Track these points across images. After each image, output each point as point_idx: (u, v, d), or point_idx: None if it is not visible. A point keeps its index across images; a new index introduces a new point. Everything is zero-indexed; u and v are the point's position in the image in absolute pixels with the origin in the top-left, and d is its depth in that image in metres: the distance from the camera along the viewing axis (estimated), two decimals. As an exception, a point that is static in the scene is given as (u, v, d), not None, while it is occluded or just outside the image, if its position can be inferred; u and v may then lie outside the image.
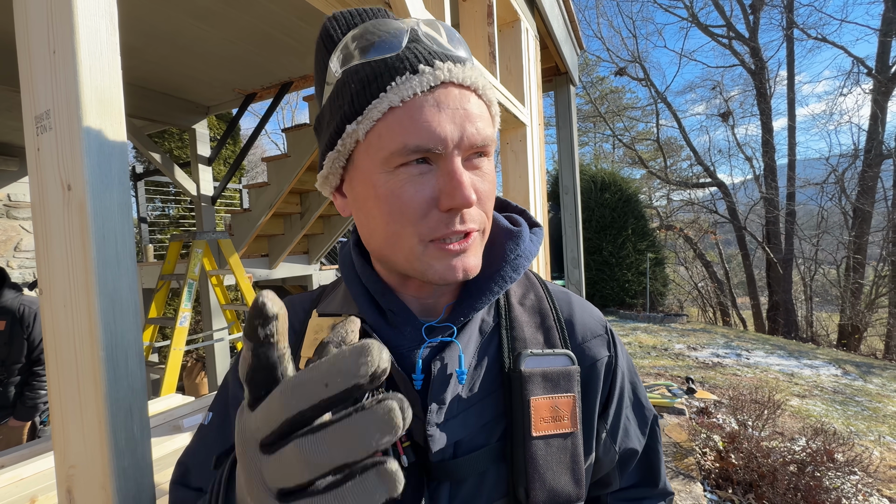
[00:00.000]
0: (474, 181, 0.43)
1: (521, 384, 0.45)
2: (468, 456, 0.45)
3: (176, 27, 2.35)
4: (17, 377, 2.20)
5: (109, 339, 0.45)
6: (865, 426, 3.83)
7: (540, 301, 0.54)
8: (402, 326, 0.48)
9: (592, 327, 0.54)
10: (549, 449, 0.45)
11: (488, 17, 1.69)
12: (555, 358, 0.48)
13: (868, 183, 10.13)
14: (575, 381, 0.48)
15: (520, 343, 0.49)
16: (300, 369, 0.48)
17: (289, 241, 4.03)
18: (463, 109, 0.41)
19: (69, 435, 0.48)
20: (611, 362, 0.53)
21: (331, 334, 0.30)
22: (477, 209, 0.43)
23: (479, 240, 0.45)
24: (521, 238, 0.51)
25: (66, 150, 0.45)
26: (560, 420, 0.46)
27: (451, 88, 0.41)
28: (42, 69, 0.46)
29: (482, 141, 0.42)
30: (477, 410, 0.47)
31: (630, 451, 0.55)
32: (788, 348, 6.96)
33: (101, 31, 0.45)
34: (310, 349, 0.50)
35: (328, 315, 0.52)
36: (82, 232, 0.44)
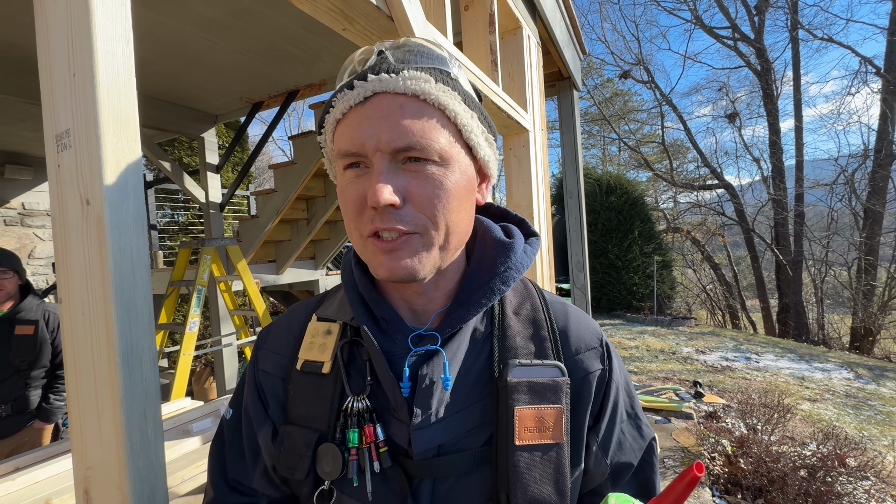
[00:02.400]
0: (409, 183, 0.44)
1: (506, 394, 0.46)
2: (451, 456, 0.47)
3: (185, 39, 2.41)
4: (42, 381, 2.26)
5: (125, 345, 0.47)
6: (878, 431, 3.76)
7: (535, 311, 0.54)
8: (394, 334, 0.50)
9: (587, 340, 0.54)
10: (532, 458, 0.46)
11: (490, 25, 1.72)
12: (544, 369, 0.49)
13: (879, 183, 10.00)
14: (563, 392, 0.48)
15: (510, 353, 0.50)
16: (297, 370, 0.52)
17: (296, 246, 4.08)
18: (388, 115, 0.43)
19: (87, 438, 0.51)
20: (604, 375, 0.53)
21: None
22: (413, 211, 0.44)
23: (417, 242, 0.45)
24: (513, 250, 0.52)
25: (85, 167, 0.48)
26: (545, 431, 0.47)
27: (385, 97, 0.44)
28: (63, 91, 0.49)
29: (404, 143, 0.43)
30: (463, 416, 0.48)
31: (625, 464, 0.54)
32: (799, 351, 6.86)
33: (118, 54, 0.47)
34: (307, 351, 0.52)
35: (325, 320, 0.54)
36: (100, 245, 0.47)
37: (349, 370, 0.51)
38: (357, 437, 0.47)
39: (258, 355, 0.57)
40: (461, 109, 0.46)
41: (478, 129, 0.49)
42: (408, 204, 0.44)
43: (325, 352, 0.51)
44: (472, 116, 0.48)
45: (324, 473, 0.47)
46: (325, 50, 2.67)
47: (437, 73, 0.45)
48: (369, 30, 1.05)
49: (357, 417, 0.47)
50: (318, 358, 0.51)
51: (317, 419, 0.50)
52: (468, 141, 0.48)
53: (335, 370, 0.51)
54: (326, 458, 0.47)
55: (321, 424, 0.49)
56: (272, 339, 0.58)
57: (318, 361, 0.51)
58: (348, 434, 0.47)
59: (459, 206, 0.47)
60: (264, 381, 0.54)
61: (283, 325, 0.58)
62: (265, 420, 0.53)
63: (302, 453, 0.48)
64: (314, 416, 0.50)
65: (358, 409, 0.48)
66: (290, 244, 4.12)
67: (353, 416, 0.47)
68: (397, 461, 0.47)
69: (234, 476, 0.55)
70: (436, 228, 0.45)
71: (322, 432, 0.48)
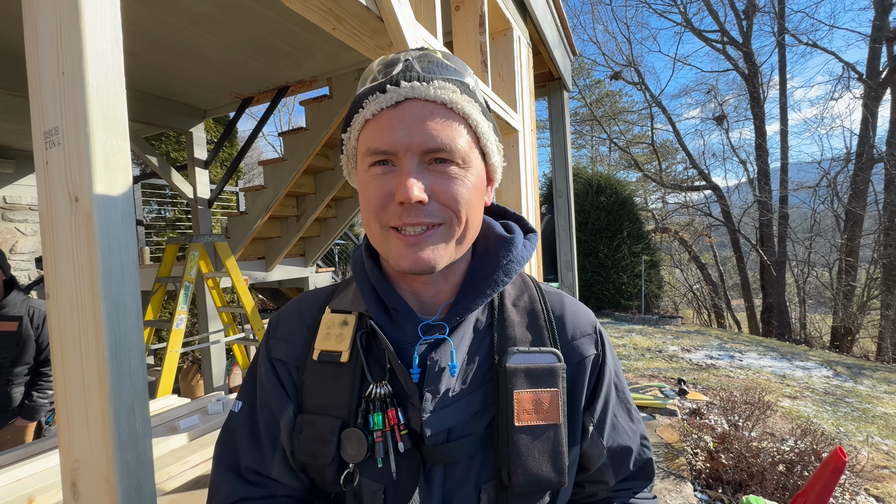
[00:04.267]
0: (435, 182, 0.48)
1: (506, 379, 0.50)
2: (459, 441, 0.50)
3: (174, 33, 2.38)
4: (26, 378, 2.22)
5: (113, 340, 0.48)
6: (855, 427, 3.88)
7: (533, 302, 0.58)
8: (404, 324, 0.53)
9: (582, 327, 0.58)
10: (531, 438, 0.49)
11: (480, 26, 1.73)
12: (541, 355, 0.52)
13: (860, 186, 10.25)
14: (560, 377, 0.51)
15: (509, 341, 0.53)
16: (313, 360, 0.55)
17: (285, 243, 4.06)
18: (420, 120, 0.47)
19: (74, 431, 0.51)
20: (597, 360, 0.57)
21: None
22: (438, 206, 0.48)
23: (441, 235, 0.49)
24: (514, 245, 0.56)
25: (73, 164, 0.48)
26: (543, 413, 0.50)
27: (416, 103, 0.48)
28: (51, 88, 0.49)
29: (435, 145, 0.47)
30: (468, 401, 0.51)
31: (624, 448, 0.58)
32: (781, 350, 7.02)
33: (107, 53, 0.48)
34: (323, 342, 0.55)
35: (339, 311, 0.57)
36: (88, 241, 0.47)
37: (368, 359, 0.53)
38: (381, 420, 0.50)
39: (270, 344, 0.59)
40: (481, 119, 0.51)
41: (493, 138, 0.54)
42: (433, 201, 0.48)
43: (343, 342, 0.54)
44: (489, 126, 0.53)
45: (348, 457, 0.50)
46: (316, 46, 2.66)
47: (460, 85, 0.50)
48: (359, 29, 1.06)
49: (380, 402, 0.51)
50: (335, 348, 0.54)
51: (337, 406, 0.52)
52: (484, 147, 0.53)
53: (353, 359, 0.54)
54: (351, 443, 0.50)
55: (342, 411, 0.52)
56: (284, 327, 0.60)
57: (335, 351, 0.54)
58: (372, 418, 0.50)
59: (476, 205, 0.51)
60: (279, 368, 0.57)
61: (295, 315, 0.60)
62: (287, 403, 0.55)
63: (326, 439, 0.51)
64: (334, 404, 0.53)
65: (380, 394, 0.51)
66: (280, 241, 4.10)
67: (376, 402, 0.50)
68: (415, 444, 0.50)
69: (250, 465, 0.55)
70: (458, 223, 0.50)
71: (343, 419, 0.52)
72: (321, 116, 3.19)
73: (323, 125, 3.18)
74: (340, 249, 9.61)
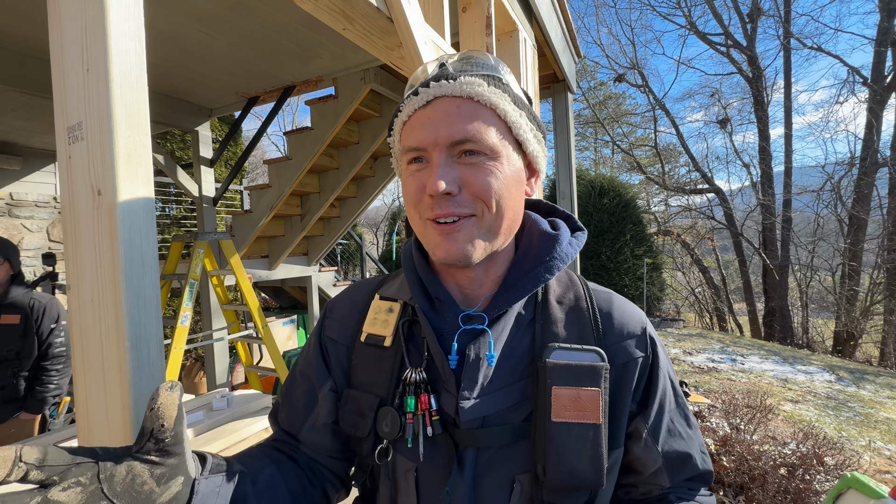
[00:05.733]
0: (464, 173, 0.50)
1: (545, 374, 0.50)
2: (493, 428, 0.51)
3: (181, 32, 2.40)
4: (27, 371, 2.24)
5: (134, 330, 0.49)
6: (857, 431, 3.87)
7: (578, 300, 0.58)
8: (446, 313, 0.55)
9: (630, 327, 0.56)
10: (568, 434, 0.49)
11: (487, 27, 1.74)
12: (583, 353, 0.52)
13: (864, 191, 10.22)
14: (602, 377, 0.50)
15: (550, 336, 0.54)
16: (361, 342, 0.59)
17: (289, 242, 4.07)
18: (447, 115, 0.50)
19: (93, 420, 0.52)
20: (646, 362, 0.55)
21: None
22: (468, 197, 0.50)
23: (473, 225, 0.51)
24: (559, 242, 0.57)
25: (97, 159, 0.49)
26: (583, 410, 0.49)
27: (444, 100, 0.50)
28: (76, 85, 0.50)
29: (460, 137, 0.49)
30: (505, 393, 0.52)
31: (681, 454, 0.56)
32: (783, 354, 7.01)
33: (131, 51, 0.49)
34: (371, 326, 0.59)
35: (387, 299, 0.60)
36: (111, 234, 0.49)
37: (408, 345, 0.56)
38: (413, 404, 0.52)
39: (325, 323, 0.65)
40: (511, 109, 0.52)
41: (526, 127, 0.53)
42: (463, 191, 0.50)
43: (387, 327, 0.58)
44: (521, 115, 0.53)
45: (383, 433, 0.53)
46: (323, 46, 2.68)
47: (489, 79, 0.51)
48: (369, 30, 1.07)
49: (414, 387, 0.53)
50: (380, 332, 0.58)
51: (377, 386, 0.56)
52: (517, 137, 0.53)
53: (396, 344, 0.57)
54: (386, 420, 0.53)
55: (381, 391, 0.56)
56: (338, 309, 0.65)
57: (380, 335, 0.58)
58: (406, 400, 0.53)
59: (509, 195, 0.52)
60: (330, 347, 0.62)
61: (348, 299, 0.65)
62: (327, 378, 0.60)
63: (365, 414, 0.55)
64: (375, 384, 0.57)
65: (415, 379, 0.53)
66: (284, 240, 4.12)
67: (411, 386, 0.53)
68: (446, 430, 0.52)
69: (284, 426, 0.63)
70: (489, 212, 0.51)
71: (382, 398, 0.55)
72: (326, 116, 3.21)
73: (328, 125, 3.20)
74: (343, 249, 9.62)
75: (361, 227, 16.25)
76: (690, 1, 12.71)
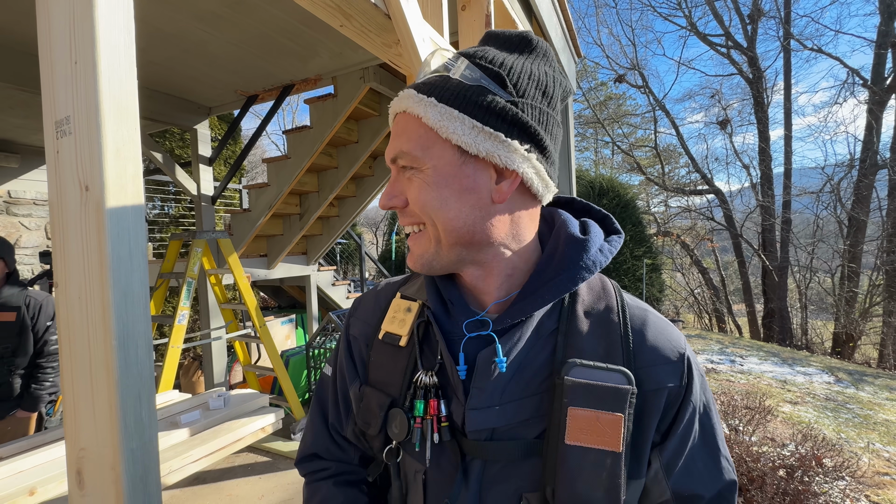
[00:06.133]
0: (403, 188, 0.51)
1: (561, 392, 0.46)
2: (502, 442, 0.49)
3: (180, 29, 2.39)
4: (23, 369, 2.24)
5: (122, 329, 0.48)
6: (856, 433, 3.86)
7: (609, 313, 0.52)
8: (458, 316, 0.54)
9: (665, 352, 0.50)
10: (582, 459, 0.45)
11: (486, 26, 1.73)
12: (608, 373, 0.47)
13: (863, 192, 10.22)
14: (626, 401, 0.46)
15: (572, 351, 0.49)
16: (379, 339, 0.59)
17: (287, 241, 4.06)
18: (393, 134, 0.51)
19: (80, 419, 0.51)
20: (679, 392, 0.50)
21: None
22: (414, 209, 0.51)
23: (424, 235, 0.51)
24: (587, 248, 0.51)
25: (84, 154, 0.48)
26: (601, 436, 0.45)
27: (399, 116, 0.51)
28: (63, 78, 0.49)
29: (391, 154, 0.51)
30: (518, 406, 0.49)
31: (693, 496, 0.51)
32: (782, 355, 7.00)
33: (120, 44, 0.48)
34: (389, 324, 0.59)
35: (407, 298, 0.60)
36: (98, 230, 0.48)
37: (423, 347, 0.56)
38: (422, 408, 0.52)
39: (350, 322, 0.65)
40: (433, 113, 0.46)
41: (461, 125, 0.46)
42: (409, 204, 0.51)
43: (404, 327, 0.57)
44: (453, 113, 0.46)
45: (392, 434, 0.53)
46: (322, 45, 2.67)
47: (432, 82, 0.48)
48: (366, 27, 1.06)
49: (424, 390, 0.52)
50: (397, 331, 0.57)
51: (391, 385, 0.56)
52: (459, 144, 0.46)
53: (411, 345, 0.56)
54: (395, 422, 0.53)
55: (394, 391, 0.55)
56: (363, 308, 0.65)
57: (397, 335, 0.57)
58: (416, 404, 0.52)
59: (444, 206, 0.48)
60: (353, 344, 0.63)
61: (373, 297, 0.66)
62: (355, 377, 0.61)
63: (376, 413, 0.55)
64: (389, 383, 0.56)
65: (426, 383, 0.52)
66: (282, 239, 4.11)
67: (422, 389, 0.52)
68: (455, 437, 0.51)
69: (334, 421, 0.64)
70: (428, 223, 0.50)
71: (394, 398, 0.55)
72: (325, 115, 3.20)
73: (327, 124, 3.19)
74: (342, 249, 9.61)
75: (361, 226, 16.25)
76: (691, 2, 12.72)
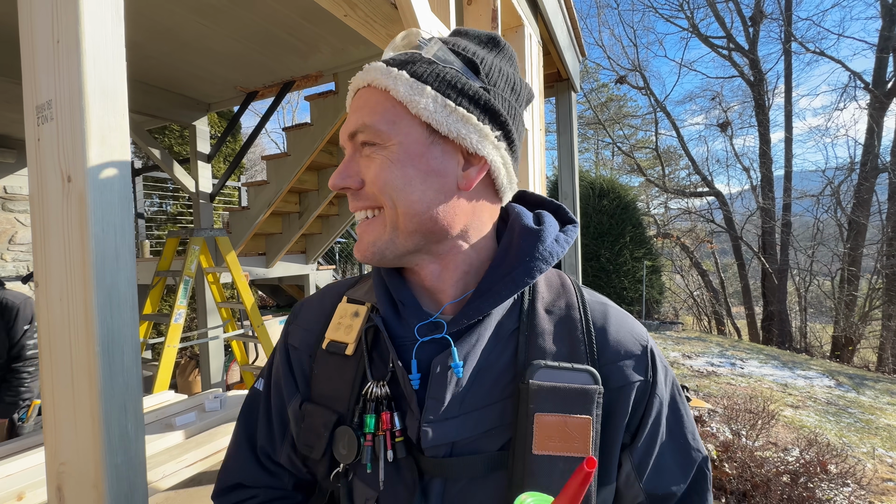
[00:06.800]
0: (362, 166, 0.46)
1: (527, 397, 0.43)
2: (463, 457, 0.44)
3: (179, 23, 2.35)
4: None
5: (105, 333, 0.44)
6: (858, 438, 3.83)
7: (570, 309, 0.49)
8: (410, 319, 0.48)
9: (628, 346, 0.48)
10: (551, 470, 0.42)
11: (493, 21, 1.70)
12: (573, 374, 0.44)
13: (863, 196, 10.21)
14: (594, 402, 0.44)
15: (536, 352, 0.46)
16: (322, 349, 0.52)
17: (286, 240, 4.02)
18: (353, 108, 0.47)
19: (61, 431, 0.47)
20: (646, 388, 0.48)
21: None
22: (370, 190, 0.46)
23: (379, 221, 0.47)
24: (542, 239, 0.48)
25: (67, 141, 0.44)
26: (570, 442, 0.43)
27: (361, 91, 0.47)
28: (45, 59, 0.45)
29: (351, 127, 0.46)
30: (479, 416, 0.45)
31: (665, 494, 0.49)
32: (782, 358, 6.98)
33: (106, 21, 0.44)
34: (333, 331, 0.52)
35: (354, 301, 0.54)
36: (81, 224, 0.43)
37: (372, 354, 0.50)
38: (373, 423, 0.46)
39: (289, 329, 0.58)
40: (404, 87, 0.43)
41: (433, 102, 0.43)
42: (366, 185, 0.46)
43: (351, 333, 0.51)
44: (426, 89, 0.43)
45: (339, 456, 0.47)
46: (323, 41, 2.63)
47: (403, 58, 0.45)
48: (371, 16, 1.02)
49: (375, 403, 0.47)
50: (343, 339, 0.51)
51: (337, 400, 0.49)
52: (429, 122, 0.44)
53: (359, 353, 0.50)
54: (343, 441, 0.46)
55: (341, 406, 0.49)
56: (304, 314, 0.58)
57: (342, 342, 0.51)
58: (365, 419, 0.46)
59: (409, 188, 0.44)
60: (293, 356, 0.55)
61: (317, 302, 0.59)
62: (295, 392, 0.54)
63: (320, 433, 0.48)
64: (335, 397, 0.50)
65: (377, 394, 0.47)
66: (281, 237, 4.06)
67: (372, 402, 0.47)
68: (411, 454, 0.45)
69: (264, 445, 0.56)
70: (387, 206, 0.46)
71: (341, 414, 0.48)
72: (326, 112, 3.16)
73: (328, 121, 3.15)
74: (342, 248, 9.57)
75: (360, 225, 16.17)
76: (693, 3, 12.71)
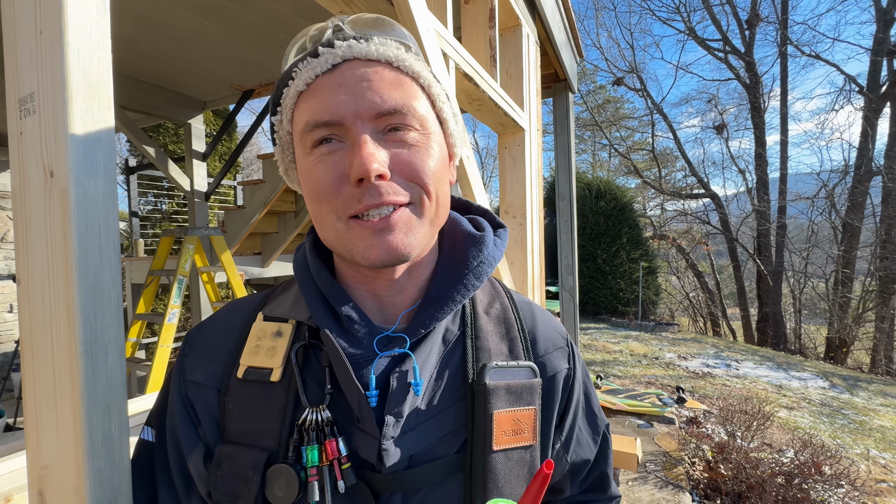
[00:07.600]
0: (396, 152, 0.41)
1: (485, 397, 0.44)
2: (423, 466, 0.43)
3: (174, 20, 2.33)
4: None
5: (88, 333, 0.43)
6: (852, 439, 3.85)
7: (505, 311, 0.53)
8: (359, 335, 0.44)
9: (554, 339, 0.53)
10: (508, 462, 0.44)
11: (490, 20, 1.69)
12: (518, 370, 0.47)
13: (857, 198, 10.29)
14: (537, 393, 0.47)
15: (484, 354, 0.47)
16: (238, 378, 0.46)
17: (282, 239, 3.99)
18: (366, 81, 0.40)
19: (42, 434, 0.46)
20: (569, 375, 0.53)
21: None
22: (404, 181, 0.41)
23: (411, 215, 0.42)
24: (485, 243, 0.49)
25: (49, 135, 0.43)
26: (520, 433, 0.45)
27: (356, 63, 0.41)
28: (28, 50, 0.44)
29: (389, 107, 0.40)
30: (435, 423, 0.44)
31: (582, 461, 0.55)
32: (777, 360, 7.01)
33: (91, 10, 0.43)
34: (251, 357, 0.46)
35: (274, 319, 0.48)
36: (63, 221, 0.42)
37: (305, 377, 0.44)
38: (317, 455, 0.41)
39: (185, 364, 0.49)
40: (433, 80, 0.45)
41: (448, 101, 0.47)
42: (395, 175, 0.40)
43: (275, 356, 0.45)
44: (443, 89, 0.47)
45: (275, 499, 0.40)
46: (320, 39, 2.62)
47: (404, 45, 0.45)
48: (367, 13, 1.01)
49: (317, 432, 0.42)
50: (265, 364, 0.45)
51: (264, 436, 0.43)
52: (440, 113, 0.46)
53: (287, 378, 0.44)
54: (279, 482, 0.40)
55: (270, 442, 0.43)
56: (204, 343, 0.49)
57: (265, 368, 0.44)
58: (305, 452, 0.41)
59: (443, 179, 0.45)
60: (194, 395, 0.47)
61: (220, 324, 0.51)
62: (196, 441, 0.45)
63: (248, 477, 0.41)
64: (261, 433, 0.43)
65: (318, 421, 0.42)
66: (277, 237, 4.04)
67: (312, 431, 0.42)
68: (361, 477, 0.42)
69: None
70: (429, 198, 0.42)
71: (272, 451, 0.42)
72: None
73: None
74: (338, 247, 9.55)
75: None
76: (690, 6, 12.77)
